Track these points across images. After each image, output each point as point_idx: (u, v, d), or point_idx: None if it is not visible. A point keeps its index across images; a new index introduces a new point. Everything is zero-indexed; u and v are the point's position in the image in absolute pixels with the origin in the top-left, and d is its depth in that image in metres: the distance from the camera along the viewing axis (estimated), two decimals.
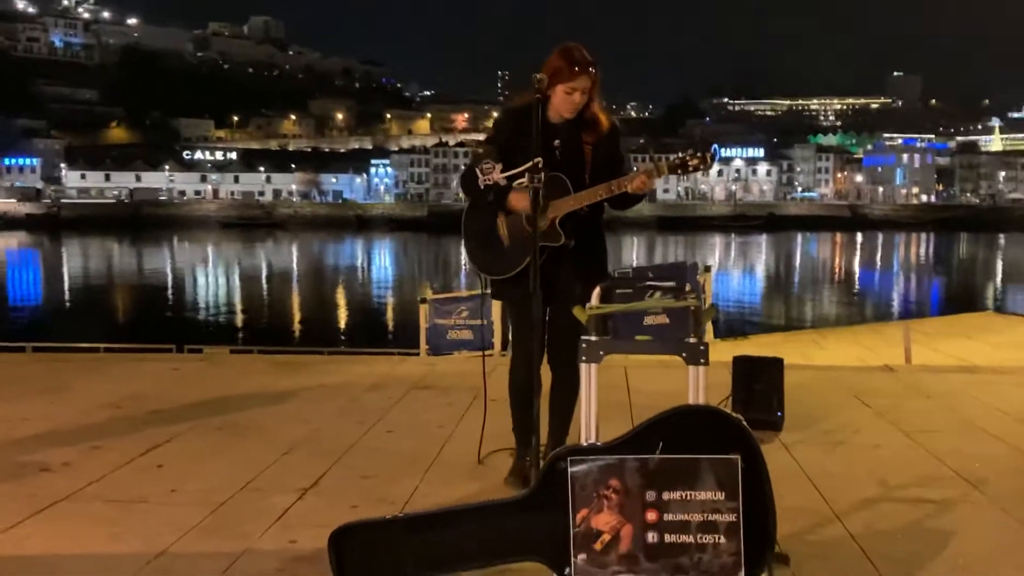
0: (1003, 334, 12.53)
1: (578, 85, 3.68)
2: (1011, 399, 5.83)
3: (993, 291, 49.87)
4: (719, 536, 2.47)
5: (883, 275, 59.02)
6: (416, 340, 29.16)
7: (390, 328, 34.43)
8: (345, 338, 30.11)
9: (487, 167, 3.67)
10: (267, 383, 6.08)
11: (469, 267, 4.15)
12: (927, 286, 52.69)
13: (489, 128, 4.08)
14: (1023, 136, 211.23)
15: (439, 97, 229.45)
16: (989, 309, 40.12)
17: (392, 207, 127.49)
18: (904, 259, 77.24)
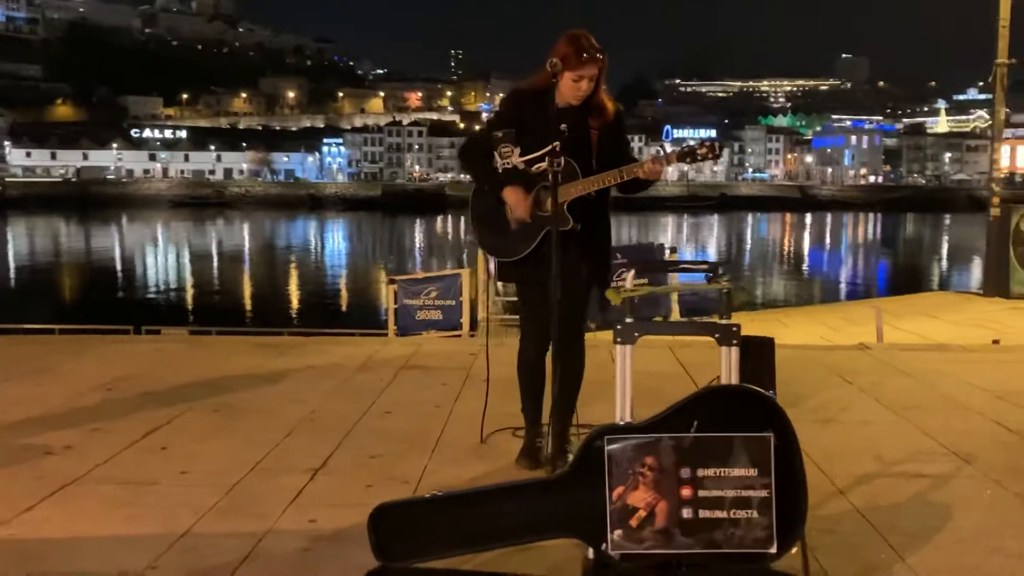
0: (962, 312, 12.83)
1: (586, 73, 3.72)
2: (985, 376, 6.01)
3: (939, 270, 50.87)
4: (752, 511, 2.55)
5: (833, 255, 59.91)
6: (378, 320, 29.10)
7: (348, 308, 34.32)
8: (300, 319, 29.93)
9: (505, 151, 3.70)
10: (255, 364, 6.07)
11: (476, 247, 4.18)
12: (875, 266, 53.59)
13: (493, 111, 4.10)
14: (968, 118, 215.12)
15: (392, 75, 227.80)
16: (935, 288, 40.98)
17: (345, 186, 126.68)
18: (852, 239, 78.44)
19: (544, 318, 3.94)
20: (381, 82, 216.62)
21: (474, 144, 4.02)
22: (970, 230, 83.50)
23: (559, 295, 3.49)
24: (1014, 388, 5.65)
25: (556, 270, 3.41)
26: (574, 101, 3.79)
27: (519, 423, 4.58)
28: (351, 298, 37.35)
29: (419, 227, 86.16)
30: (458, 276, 14.35)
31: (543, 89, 3.82)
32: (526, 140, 3.78)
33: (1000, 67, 13.66)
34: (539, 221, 3.85)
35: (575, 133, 3.80)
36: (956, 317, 12.33)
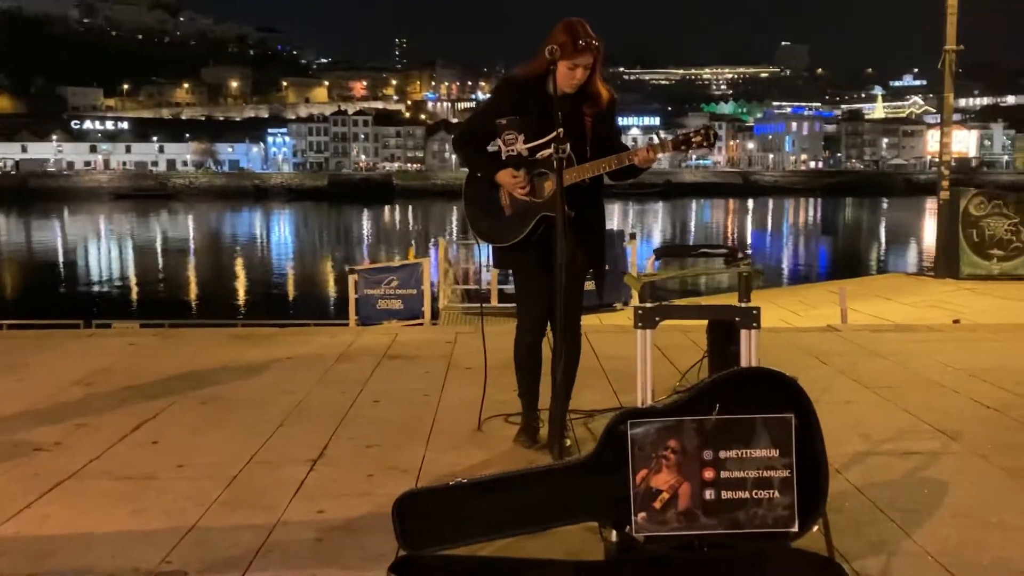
0: (916, 294, 13.10)
1: (581, 61, 3.72)
2: (953, 354, 6.15)
3: (878, 253, 51.80)
4: (774, 491, 2.59)
5: (775, 240, 60.72)
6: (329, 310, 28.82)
7: (298, 298, 34.02)
8: (250, 311, 29.62)
9: (509, 138, 3.71)
10: (234, 356, 6.02)
11: (470, 233, 4.17)
12: (817, 250, 54.40)
13: (485, 98, 4.09)
14: (903, 104, 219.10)
15: (336, 64, 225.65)
16: (875, 270, 41.71)
17: (291, 176, 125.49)
18: (794, 224, 79.53)
19: (541, 304, 3.98)
20: (326, 71, 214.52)
21: (468, 131, 4.01)
22: (907, 213, 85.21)
23: (563, 281, 3.51)
24: (983, 366, 5.80)
25: (561, 258, 3.43)
26: (568, 89, 3.79)
27: (510, 409, 4.61)
28: (300, 289, 37.05)
29: (367, 217, 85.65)
30: (418, 265, 14.33)
31: (537, 76, 3.82)
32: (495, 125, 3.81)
33: (948, 53, 13.92)
34: (533, 207, 3.86)
35: (570, 120, 3.79)
36: (911, 299, 12.58)
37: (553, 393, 4.07)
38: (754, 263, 2.98)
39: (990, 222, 13.80)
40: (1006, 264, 13.83)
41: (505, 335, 5.07)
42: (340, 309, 26.00)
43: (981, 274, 13.75)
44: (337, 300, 30.71)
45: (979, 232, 13.78)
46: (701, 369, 5.23)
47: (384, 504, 3.38)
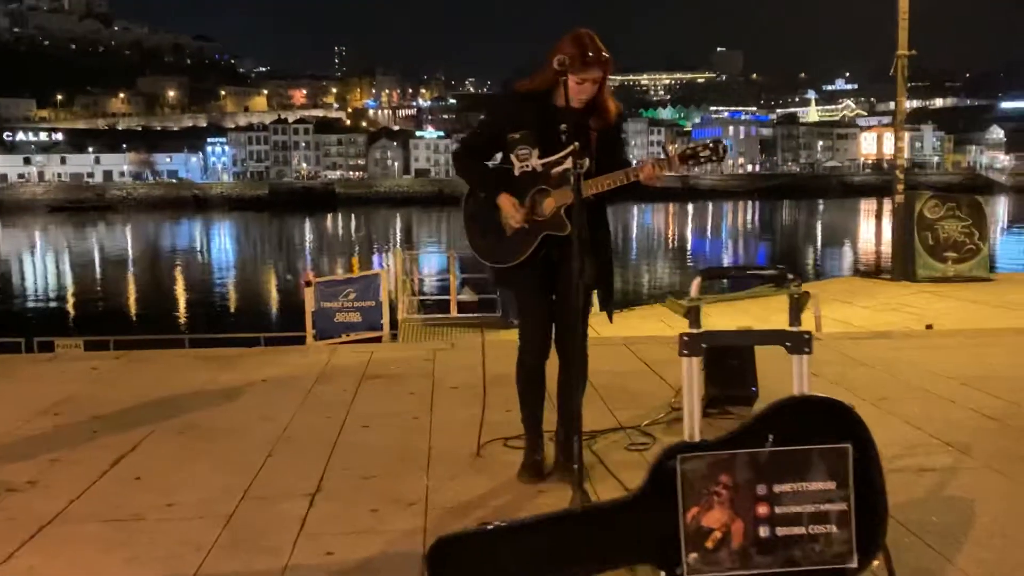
0: (874, 297, 13.16)
1: (589, 76, 3.53)
2: (939, 362, 6.11)
3: (813, 255, 52.49)
4: (831, 526, 2.46)
5: (715, 243, 61.25)
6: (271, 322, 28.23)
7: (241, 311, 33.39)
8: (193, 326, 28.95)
9: (523, 153, 3.54)
10: (205, 380, 5.75)
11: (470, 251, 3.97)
12: (756, 252, 54.98)
13: (487, 111, 3.89)
14: (836, 107, 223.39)
15: (275, 73, 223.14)
16: (812, 272, 42.16)
17: (231, 186, 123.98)
18: (733, 227, 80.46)
19: (546, 325, 3.80)
20: (264, 80, 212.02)
21: (469, 145, 3.82)
22: (841, 214, 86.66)
23: (580, 303, 3.35)
24: (971, 374, 5.75)
25: (576, 278, 3.26)
26: (576, 104, 3.57)
27: (506, 431, 4.44)
28: (247, 301, 36.39)
29: (309, 226, 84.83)
30: (377, 277, 14.10)
31: (542, 90, 3.64)
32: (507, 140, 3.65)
33: (900, 58, 14.05)
34: (536, 227, 3.69)
35: (575, 133, 3.62)
36: (871, 302, 12.63)
37: (560, 416, 3.92)
38: (800, 284, 2.84)
39: (944, 225, 13.94)
40: (960, 266, 13.98)
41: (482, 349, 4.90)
42: (290, 321, 25.59)
43: (937, 276, 13.88)
44: (288, 312, 30.22)
45: (934, 235, 13.91)
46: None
47: (395, 542, 3.21)
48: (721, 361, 4.98)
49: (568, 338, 3.79)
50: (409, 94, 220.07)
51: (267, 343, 14.66)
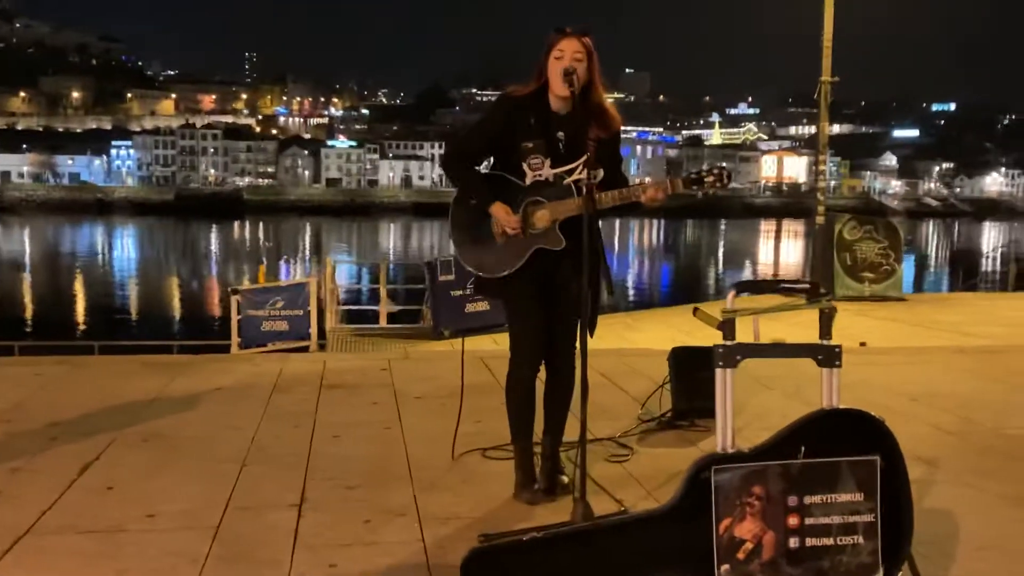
0: (799, 314, 13.38)
1: (565, 47, 3.49)
2: (885, 379, 6.28)
3: (715, 274, 53.57)
4: (858, 537, 2.50)
5: (621, 260, 61.91)
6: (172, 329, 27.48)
7: (144, 317, 32.48)
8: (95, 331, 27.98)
9: (535, 162, 3.50)
10: (157, 387, 5.57)
11: (458, 259, 3.89)
12: (660, 271, 55.82)
13: (482, 116, 3.82)
14: (739, 131, 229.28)
15: (184, 77, 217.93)
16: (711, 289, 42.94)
17: (136, 190, 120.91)
18: (639, 245, 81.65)
19: (539, 336, 3.76)
20: (172, 83, 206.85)
21: (461, 149, 3.72)
22: (743, 234, 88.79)
23: (588, 316, 3.33)
24: (918, 390, 5.93)
25: (585, 291, 3.25)
26: (560, 90, 3.52)
27: (480, 440, 4.41)
28: (149, 308, 35.38)
29: (216, 233, 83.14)
30: (305, 285, 13.90)
31: (535, 93, 3.61)
32: (515, 149, 3.59)
33: (824, 84, 14.46)
34: (528, 239, 3.63)
35: (573, 142, 3.60)
36: (796, 319, 12.82)
37: (548, 427, 3.90)
38: (832, 299, 2.89)
39: (862, 246, 14.38)
40: (877, 286, 14.43)
41: (439, 361, 4.87)
42: (197, 329, 25.02)
43: (854, 295, 14.28)
44: (195, 320, 29.53)
45: (852, 255, 14.33)
46: (663, 396, 5.17)
47: (395, 553, 3.16)
48: (690, 374, 5.04)
49: (561, 350, 3.78)
50: (321, 103, 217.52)
51: (181, 351, 14.32)
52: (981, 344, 8.66)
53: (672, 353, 5.15)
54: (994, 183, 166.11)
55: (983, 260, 36.70)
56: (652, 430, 4.84)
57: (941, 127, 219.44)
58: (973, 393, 5.85)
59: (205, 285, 43.61)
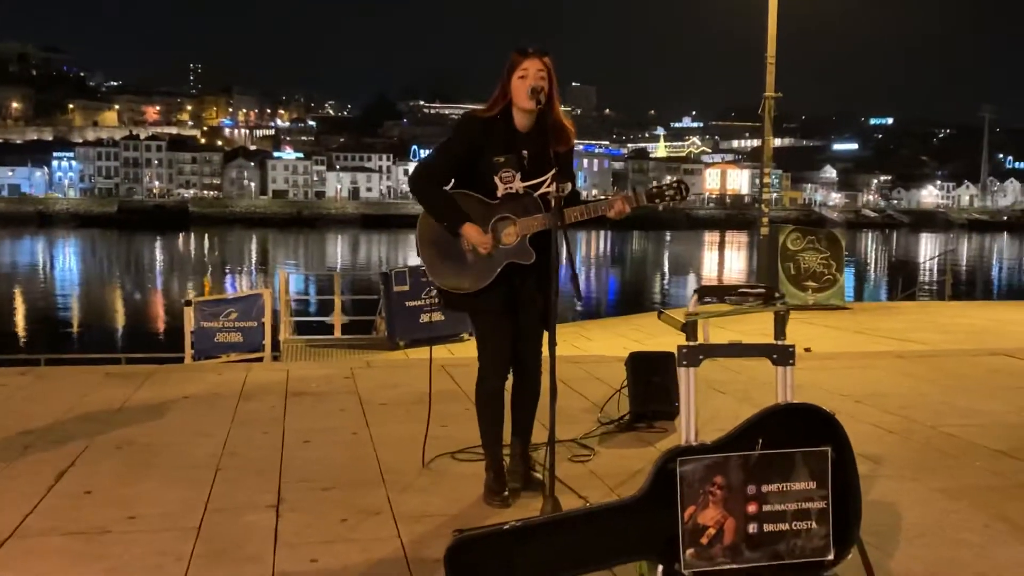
0: (745, 323, 13.65)
1: (528, 66, 3.66)
2: (831, 382, 6.55)
3: (661, 285, 54.04)
4: (811, 522, 2.70)
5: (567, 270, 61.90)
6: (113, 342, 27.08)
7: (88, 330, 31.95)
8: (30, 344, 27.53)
9: (507, 176, 3.66)
10: (123, 396, 5.64)
11: (427, 276, 4.00)
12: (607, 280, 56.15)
13: (450, 136, 3.96)
14: (683, 144, 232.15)
15: (128, 88, 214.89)
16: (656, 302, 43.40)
17: (78, 202, 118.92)
18: (587, 256, 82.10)
19: (507, 348, 3.89)
20: (116, 94, 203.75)
21: (430, 170, 3.83)
22: (688, 246, 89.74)
23: (549, 324, 3.51)
24: (863, 392, 6.21)
25: (554, 301, 3.43)
26: (525, 104, 3.68)
27: (447, 446, 4.56)
28: (94, 320, 34.83)
29: (160, 245, 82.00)
30: (259, 297, 13.91)
31: (499, 113, 3.78)
32: (481, 167, 3.74)
33: (768, 99, 14.84)
34: (498, 255, 3.75)
35: (537, 159, 3.76)
36: (743, 327, 13.15)
37: (517, 429, 4.06)
38: (787, 302, 3.10)
39: (805, 256, 14.75)
40: (819, 295, 14.81)
41: (401, 369, 5.01)
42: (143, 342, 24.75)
43: (798, 304, 14.63)
44: (140, 332, 29.16)
45: (795, 265, 14.70)
46: (620, 400, 5.36)
47: (373, 549, 3.30)
48: (646, 378, 5.24)
49: (528, 356, 3.94)
50: (267, 114, 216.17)
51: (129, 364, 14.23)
52: (920, 350, 9.00)
53: (629, 358, 5.34)
54: (930, 195, 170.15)
55: (920, 270, 37.61)
56: (611, 432, 5.03)
57: (879, 140, 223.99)
58: (913, 395, 6.13)
59: (150, 298, 43.02)
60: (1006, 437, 4.96)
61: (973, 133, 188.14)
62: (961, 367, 7.24)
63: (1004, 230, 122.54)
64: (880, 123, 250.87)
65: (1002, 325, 12.06)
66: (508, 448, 4.05)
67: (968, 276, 53.01)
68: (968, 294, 25.35)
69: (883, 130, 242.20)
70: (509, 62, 3.71)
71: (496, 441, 3.94)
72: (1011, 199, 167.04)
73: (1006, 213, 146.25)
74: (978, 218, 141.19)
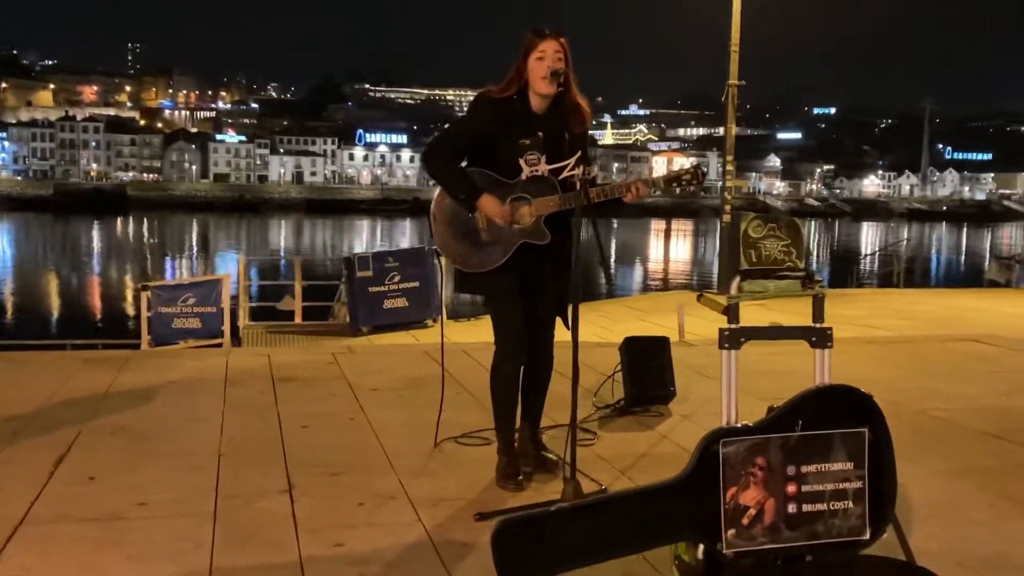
0: (709, 309, 13.93)
1: (546, 48, 3.65)
2: (807, 367, 6.61)
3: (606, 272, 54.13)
4: (848, 502, 2.73)
5: None
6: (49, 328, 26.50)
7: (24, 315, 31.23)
8: None
9: (532, 158, 3.64)
10: (106, 381, 5.52)
11: (440, 256, 3.96)
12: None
13: (465, 115, 3.93)
14: (629, 131, 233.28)
15: (64, 68, 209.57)
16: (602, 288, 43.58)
17: (11, 184, 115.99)
18: None
19: (523, 330, 3.87)
20: (51, 74, 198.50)
21: (445, 147, 3.81)
22: (635, 233, 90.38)
23: (575, 307, 3.50)
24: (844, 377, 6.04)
25: (575, 282, 3.43)
26: (542, 89, 3.67)
27: (448, 430, 4.52)
28: (31, 306, 34.00)
29: (98, 229, 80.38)
30: (218, 282, 13.70)
31: (515, 94, 3.76)
32: (499, 148, 3.73)
33: (731, 87, 14.96)
34: (514, 234, 3.73)
35: (552, 140, 3.74)
36: (708, 314, 13.28)
37: (529, 413, 4.05)
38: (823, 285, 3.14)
39: (766, 243, 14.90)
40: (781, 283, 14.97)
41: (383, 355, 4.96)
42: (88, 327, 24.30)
43: (759, 291, 14.77)
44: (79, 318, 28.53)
45: (756, 253, 14.83)
46: (615, 384, 5.38)
47: (397, 533, 3.28)
48: (642, 363, 5.26)
49: (542, 341, 3.94)
50: (208, 96, 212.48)
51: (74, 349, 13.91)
52: (888, 336, 9.17)
53: (625, 343, 5.36)
54: (872, 184, 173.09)
55: (870, 258, 38.29)
56: (609, 416, 5.05)
57: (822, 130, 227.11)
58: (893, 379, 6.24)
59: (88, 284, 42.14)
60: (993, 420, 5.08)
61: (914, 124, 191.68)
62: (933, 353, 7.40)
63: (942, 220, 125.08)
64: (823, 112, 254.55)
65: (960, 312, 12.33)
66: (517, 431, 4.05)
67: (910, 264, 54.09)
68: (914, 282, 25.86)
69: (826, 120, 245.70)
70: (525, 43, 3.69)
71: (510, 426, 3.93)
72: (950, 189, 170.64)
73: (945, 203, 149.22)
74: (918, 208, 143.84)
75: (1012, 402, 5.63)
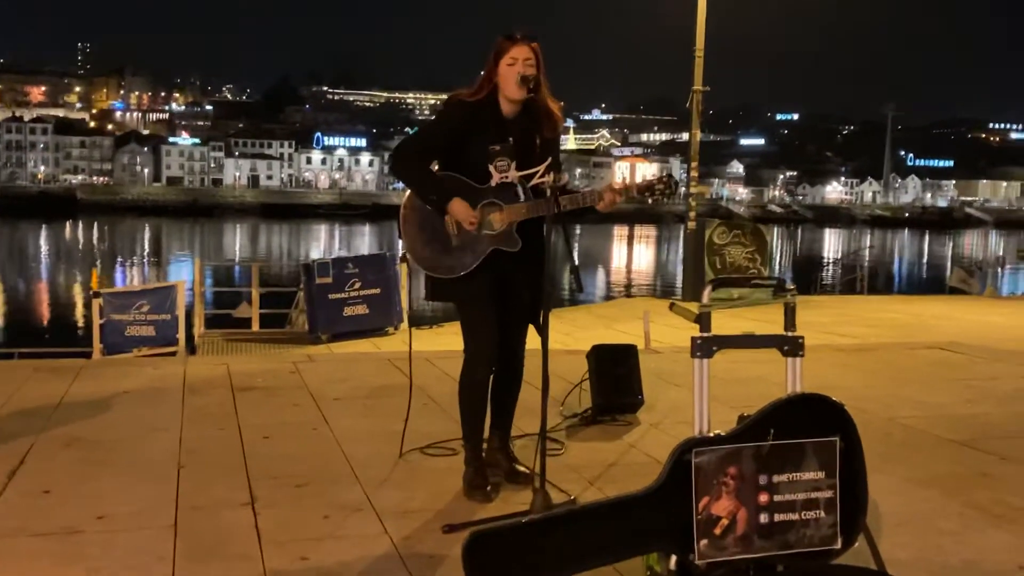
0: (674, 316, 13.94)
1: (517, 54, 3.62)
2: (779, 375, 6.62)
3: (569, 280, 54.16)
4: (820, 511, 2.72)
5: None
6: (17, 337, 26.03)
7: None
8: None
9: (502, 164, 3.60)
10: (59, 391, 5.38)
11: (410, 261, 3.90)
12: None
13: (435, 117, 3.88)
14: (592, 136, 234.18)
15: (9, 67, 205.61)
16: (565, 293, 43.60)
17: None
18: None
19: (495, 336, 3.82)
20: None
21: (415, 149, 3.76)
22: (597, 239, 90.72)
23: (546, 314, 3.47)
24: (812, 385, 5.99)
25: (547, 290, 3.40)
26: (514, 94, 3.64)
27: (412, 440, 4.46)
28: None
29: (46, 233, 78.90)
30: (173, 289, 13.49)
31: (486, 98, 3.71)
32: (470, 151, 3.68)
33: (696, 93, 15.03)
34: (484, 240, 3.70)
35: (523, 145, 3.70)
36: (672, 321, 13.29)
37: (498, 422, 4.01)
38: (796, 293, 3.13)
39: (731, 250, 14.95)
40: (745, 289, 15.08)
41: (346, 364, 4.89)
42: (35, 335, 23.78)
43: (724, 299, 14.86)
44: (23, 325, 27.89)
45: (721, 259, 14.86)
46: (583, 393, 5.35)
47: (363, 545, 3.23)
48: (610, 371, 5.24)
49: (513, 350, 3.90)
50: (161, 97, 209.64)
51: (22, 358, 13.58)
52: (855, 343, 9.24)
53: (593, 350, 5.32)
54: (834, 191, 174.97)
55: (832, 266, 38.64)
56: (576, 426, 5.02)
57: (785, 136, 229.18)
58: (861, 387, 6.27)
59: (36, 290, 41.29)
60: (960, 428, 5.12)
61: (877, 130, 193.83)
62: (900, 360, 7.46)
63: (905, 226, 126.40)
64: (786, 118, 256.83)
65: (923, 319, 12.43)
66: (485, 441, 4.01)
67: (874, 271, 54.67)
68: (877, 288, 26.12)
69: (789, 125, 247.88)
70: (495, 47, 3.66)
71: (478, 435, 3.89)
72: (912, 196, 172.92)
73: (907, 210, 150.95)
74: (880, 214, 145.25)
75: (977, 409, 5.69)
